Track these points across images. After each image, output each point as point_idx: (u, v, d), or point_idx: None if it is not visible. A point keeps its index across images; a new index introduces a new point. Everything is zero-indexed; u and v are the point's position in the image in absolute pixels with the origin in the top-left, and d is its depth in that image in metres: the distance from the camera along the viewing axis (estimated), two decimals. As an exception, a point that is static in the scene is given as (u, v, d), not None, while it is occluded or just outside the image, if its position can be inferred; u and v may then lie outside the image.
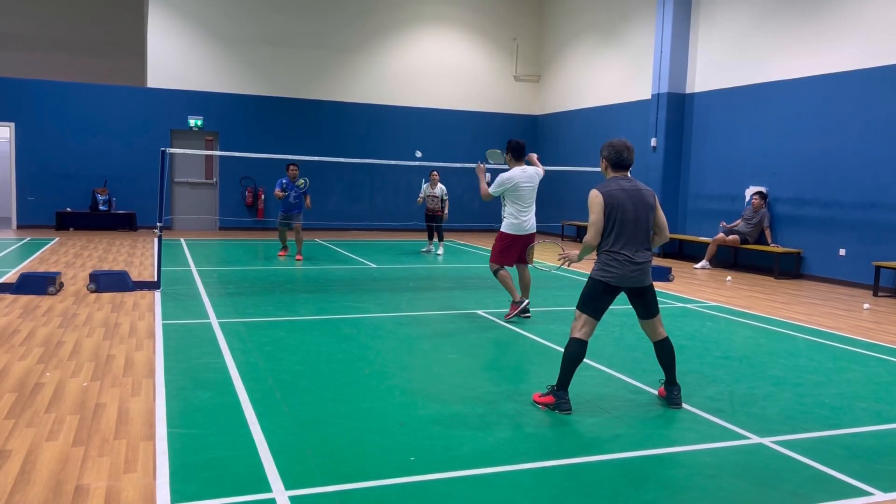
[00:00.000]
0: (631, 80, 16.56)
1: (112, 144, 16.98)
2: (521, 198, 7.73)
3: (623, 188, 4.69)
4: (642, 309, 4.84)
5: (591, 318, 4.72)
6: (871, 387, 5.53)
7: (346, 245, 15.30)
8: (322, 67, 18.54)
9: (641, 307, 4.84)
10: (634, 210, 4.66)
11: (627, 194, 4.67)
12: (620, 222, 4.64)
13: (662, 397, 4.96)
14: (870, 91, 11.13)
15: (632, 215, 4.65)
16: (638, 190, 4.72)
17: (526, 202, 7.82)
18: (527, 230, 7.82)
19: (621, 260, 4.64)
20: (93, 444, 3.88)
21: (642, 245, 4.70)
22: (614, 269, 4.64)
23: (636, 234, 4.67)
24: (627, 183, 4.73)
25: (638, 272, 4.68)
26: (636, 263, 4.66)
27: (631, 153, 4.73)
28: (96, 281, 8.62)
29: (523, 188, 7.74)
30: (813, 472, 3.81)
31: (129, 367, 5.43)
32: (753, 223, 12.75)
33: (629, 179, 4.77)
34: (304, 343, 6.35)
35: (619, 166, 4.77)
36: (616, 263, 4.64)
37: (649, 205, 4.71)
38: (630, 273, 4.65)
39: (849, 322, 8.23)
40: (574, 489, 3.51)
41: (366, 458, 3.81)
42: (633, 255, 4.65)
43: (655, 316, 4.85)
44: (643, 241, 4.71)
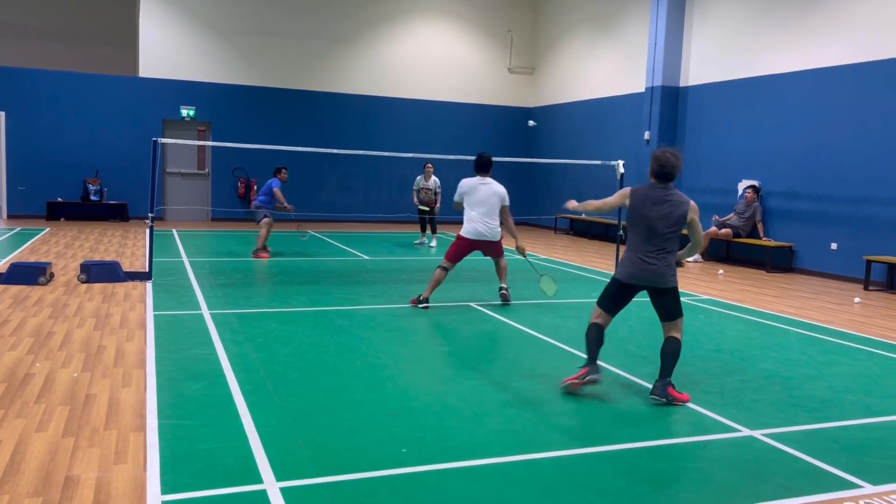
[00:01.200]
0: (625, 73, 16.55)
1: (104, 134, 16.87)
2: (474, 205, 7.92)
3: (651, 196, 4.84)
4: (659, 311, 4.93)
5: (605, 313, 5.00)
6: (861, 380, 5.56)
7: (339, 237, 15.27)
8: (316, 58, 18.45)
9: (659, 309, 4.93)
10: (656, 218, 4.78)
11: (653, 202, 4.81)
12: (637, 225, 4.82)
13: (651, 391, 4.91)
14: (862, 86, 11.15)
15: (651, 222, 4.78)
16: (668, 202, 4.81)
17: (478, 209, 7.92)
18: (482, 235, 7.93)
19: (634, 259, 4.82)
20: (83, 435, 3.87)
21: (660, 249, 4.78)
22: (626, 267, 4.86)
23: (653, 237, 4.78)
24: (661, 192, 4.84)
25: (649, 272, 4.77)
26: (648, 264, 4.77)
27: (674, 168, 4.83)
28: (87, 271, 8.58)
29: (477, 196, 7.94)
30: (803, 465, 3.83)
31: (120, 357, 5.41)
32: (746, 217, 12.78)
33: (665, 188, 4.86)
34: (296, 334, 6.34)
35: (658, 177, 4.88)
36: (628, 262, 4.85)
37: (674, 217, 4.78)
38: (640, 272, 4.78)
39: (840, 316, 8.27)
40: (565, 482, 3.52)
41: (357, 449, 3.81)
42: (647, 257, 4.78)
43: (671, 321, 4.88)
44: (661, 246, 4.78)
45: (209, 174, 17.93)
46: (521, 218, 20.45)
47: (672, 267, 4.82)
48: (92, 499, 3.15)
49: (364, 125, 18.90)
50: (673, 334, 4.88)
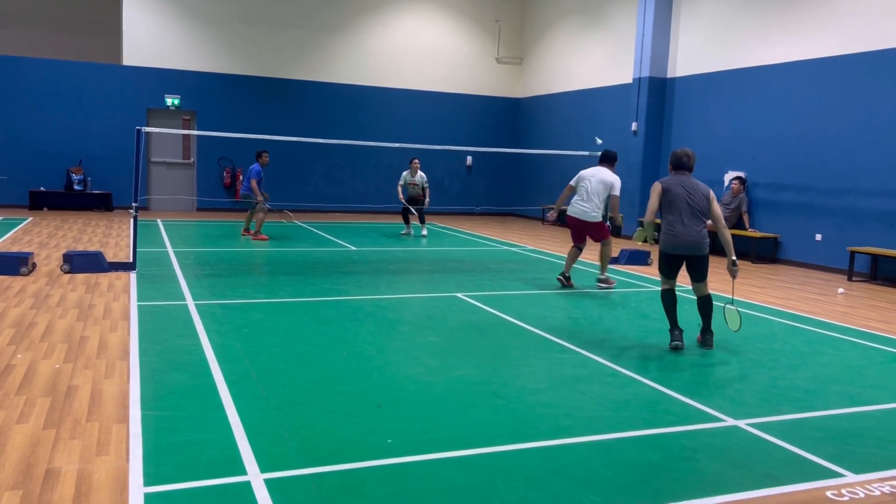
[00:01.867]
0: (613, 63, 16.54)
1: (87, 123, 16.69)
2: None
3: (679, 181, 5.98)
4: (692, 274, 6.05)
5: (667, 278, 6.13)
6: (844, 370, 5.60)
7: (325, 227, 15.20)
8: (302, 47, 18.32)
9: (692, 272, 6.05)
10: (687, 193, 5.89)
11: (682, 183, 5.95)
12: (672, 202, 5.90)
13: (699, 343, 6.11)
14: (848, 78, 11.20)
15: (685, 196, 5.88)
16: (694, 183, 5.98)
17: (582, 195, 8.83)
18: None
19: (672, 233, 5.90)
20: (64, 427, 3.82)
21: (693, 219, 5.86)
22: (667, 241, 5.95)
23: (689, 209, 5.85)
24: (685, 178, 6.00)
25: (688, 241, 5.86)
26: (685, 234, 5.84)
27: (690, 160, 6.04)
28: (70, 261, 8.49)
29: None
30: (787, 454, 3.85)
31: (103, 348, 5.35)
32: (732, 208, 12.83)
33: (687, 177, 6.02)
34: (281, 325, 6.30)
35: (678, 168, 6.06)
36: (668, 235, 5.93)
37: (703, 195, 5.93)
38: (679, 242, 5.87)
39: (824, 306, 8.33)
40: (552, 471, 3.52)
41: (343, 440, 3.79)
42: (683, 227, 5.85)
43: (702, 281, 6.03)
44: (694, 217, 5.85)
45: (194, 164, 17.78)
46: (507, 209, 20.49)
47: (704, 238, 5.88)
48: (73, 491, 3.11)
49: (351, 115, 18.80)
50: (704, 292, 6.06)
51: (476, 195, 20.27)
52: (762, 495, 3.33)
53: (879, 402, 4.82)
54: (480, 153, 19.74)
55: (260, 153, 12.41)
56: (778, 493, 3.36)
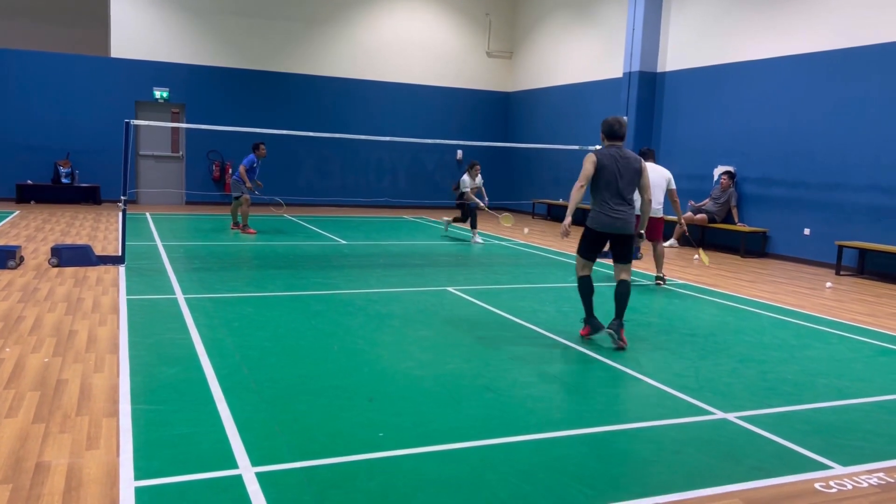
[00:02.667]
0: (603, 58, 16.56)
1: (75, 115, 16.56)
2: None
3: (612, 154, 5.71)
4: (617, 253, 5.85)
5: (587, 260, 5.88)
6: (832, 363, 5.65)
7: (315, 221, 15.16)
8: (291, 40, 18.23)
9: (617, 252, 5.85)
10: (619, 171, 5.67)
11: (615, 159, 5.69)
12: (605, 180, 5.66)
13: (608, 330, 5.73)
14: (837, 73, 11.26)
15: (616, 175, 5.66)
16: (626, 157, 5.74)
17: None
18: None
19: (603, 211, 5.69)
20: (54, 421, 3.80)
21: (623, 200, 5.69)
22: (598, 219, 5.72)
23: (618, 190, 5.66)
24: (617, 150, 5.75)
25: (618, 221, 5.68)
26: (615, 214, 5.67)
27: (622, 127, 5.77)
28: (58, 255, 8.43)
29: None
30: (775, 447, 3.89)
31: (93, 342, 5.33)
32: (721, 202, 12.89)
33: (619, 148, 5.77)
34: (272, 319, 6.29)
35: (612, 137, 5.80)
36: (599, 214, 5.71)
37: (635, 170, 5.74)
38: (610, 220, 5.68)
39: (812, 300, 8.39)
40: (542, 464, 3.53)
41: (335, 434, 3.79)
42: (613, 208, 5.67)
43: (626, 263, 5.84)
44: (624, 197, 5.69)
45: (183, 157, 17.68)
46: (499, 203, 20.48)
47: (631, 215, 5.76)
48: (63, 485, 3.10)
49: (341, 108, 18.74)
50: (624, 278, 5.84)
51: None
52: (751, 487, 3.36)
53: (866, 395, 4.86)
54: (471, 147, 19.71)
55: (256, 144, 12.50)
56: (767, 486, 3.39)
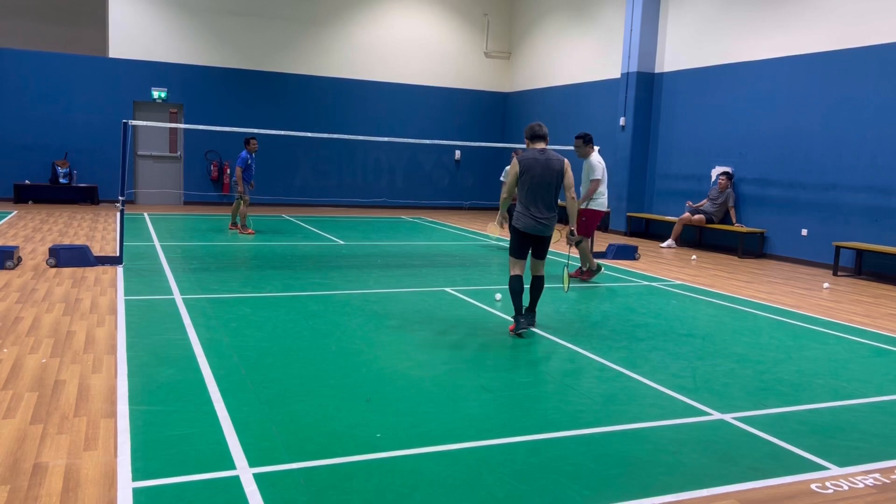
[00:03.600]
0: (601, 58, 16.57)
1: (73, 115, 16.54)
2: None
3: (536, 157, 5.98)
4: (536, 251, 6.19)
5: (518, 259, 6.15)
6: (829, 364, 5.66)
7: (313, 221, 15.16)
8: (290, 40, 18.22)
9: (536, 250, 6.20)
10: (542, 175, 5.94)
11: (538, 162, 5.96)
12: (530, 185, 5.96)
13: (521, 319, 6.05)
14: (834, 74, 11.28)
15: (539, 180, 5.94)
16: (548, 159, 5.98)
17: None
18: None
19: (529, 214, 5.99)
20: (52, 422, 3.81)
21: (547, 205, 6.00)
22: (524, 221, 6.01)
23: (543, 195, 5.96)
24: (541, 154, 6.02)
25: (543, 225, 6.01)
26: (541, 218, 5.99)
27: (542, 128, 6.12)
28: (56, 255, 8.43)
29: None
30: (772, 448, 3.90)
31: (90, 343, 5.33)
32: (719, 203, 12.91)
33: (543, 151, 6.05)
34: (269, 320, 6.29)
35: (535, 139, 6.13)
36: (526, 216, 6.01)
37: (556, 170, 5.99)
38: (535, 224, 5.99)
39: (809, 301, 8.40)
40: (538, 465, 3.54)
41: (332, 434, 3.79)
42: (539, 212, 5.99)
43: (542, 259, 6.24)
44: (548, 202, 6.00)
45: (181, 157, 17.68)
46: (496, 203, 20.48)
47: (553, 218, 6.08)
48: (61, 486, 3.10)
49: (338, 108, 18.74)
50: (540, 273, 6.26)
51: (465, 189, 20.28)
52: (748, 488, 3.37)
53: (863, 396, 4.87)
54: (469, 147, 19.72)
55: (247, 140, 12.46)
56: (763, 486, 3.40)
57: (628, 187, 15.05)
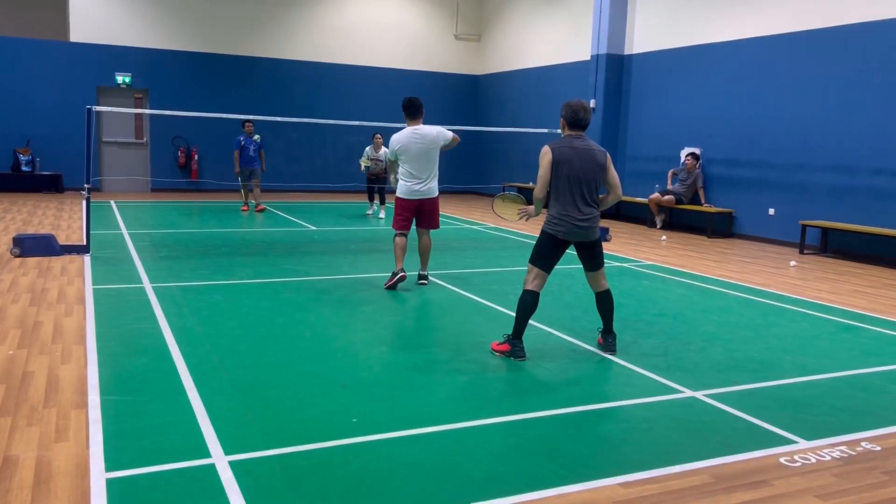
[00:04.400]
0: (571, 40, 16.58)
1: (34, 102, 16.14)
2: (411, 160, 7.07)
3: (574, 146, 4.88)
4: (588, 262, 5.10)
5: (542, 271, 4.97)
6: (796, 341, 5.77)
7: (284, 207, 15.03)
8: (257, 23, 17.94)
9: (587, 260, 5.10)
10: (582, 168, 4.85)
11: (577, 153, 4.86)
12: (567, 178, 4.84)
13: (600, 345, 5.27)
14: (800, 55, 11.41)
15: (579, 173, 4.85)
16: (589, 149, 4.90)
17: (416, 165, 7.08)
18: (421, 194, 7.15)
19: (567, 215, 4.86)
20: (21, 414, 3.74)
21: (589, 202, 4.90)
22: (561, 224, 4.88)
23: (582, 190, 4.87)
24: (580, 142, 4.91)
25: (584, 227, 4.89)
26: (581, 219, 4.87)
27: (587, 113, 4.93)
28: (21, 245, 8.25)
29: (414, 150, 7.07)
30: (742, 423, 3.97)
31: (59, 333, 5.24)
32: (688, 184, 13.05)
33: (582, 139, 4.94)
34: (242, 307, 6.24)
35: (575, 125, 4.93)
36: (562, 218, 4.87)
37: (599, 164, 4.90)
38: (575, 228, 4.87)
39: (777, 279, 8.55)
40: (514, 445, 3.57)
41: (308, 421, 3.78)
42: (579, 211, 4.87)
43: (600, 269, 5.10)
44: (590, 198, 4.91)
45: (147, 143, 17.37)
46: (468, 187, 20.49)
47: (597, 218, 4.99)
48: (32, 478, 3.06)
49: (308, 92, 18.53)
50: (605, 286, 5.16)
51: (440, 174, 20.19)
52: (719, 463, 3.43)
53: (829, 371, 4.98)
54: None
55: (242, 123, 13.22)
56: (734, 461, 3.47)
57: (599, 169, 15.11)
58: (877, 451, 3.66)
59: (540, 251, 4.97)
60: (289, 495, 2.99)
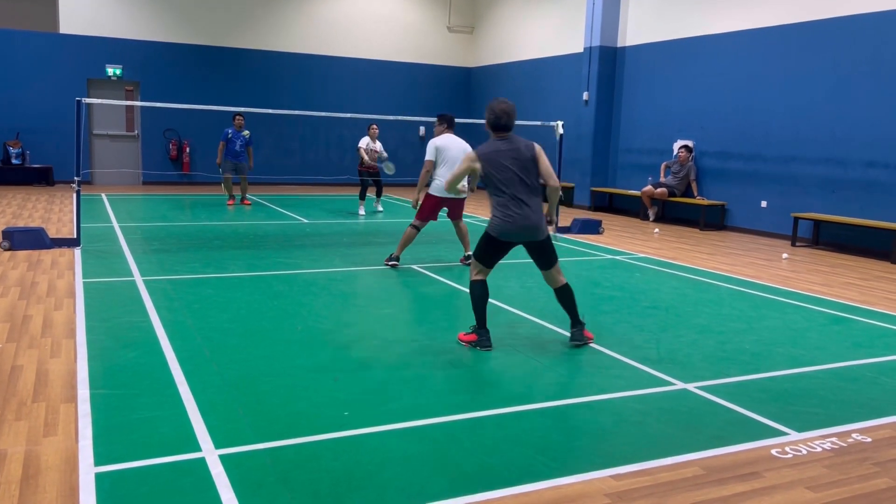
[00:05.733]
0: (564, 33, 16.54)
1: (24, 94, 16.01)
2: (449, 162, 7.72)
3: (499, 149, 4.92)
4: (538, 261, 5.09)
5: (486, 268, 5.07)
6: (787, 333, 5.79)
7: (276, 199, 14.98)
8: (249, 15, 17.84)
9: (537, 259, 5.08)
10: (512, 168, 4.86)
11: (502, 154, 4.89)
12: (500, 181, 4.86)
13: (572, 339, 5.18)
14: (793, 47, 11.42)
15: (510, 174, 4.85)
16: (515, 148, 4.91)
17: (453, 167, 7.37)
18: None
19: (507, 216, 4.85)
20: (9, 408, 3.71)
21: (525, 201, 4.85)
22: (501, 226, 4.87)
23: (516, 191, 4.84)
24: (504, 143, 4.95)
25: (523, 227, 4.85)
26: (520, 219, 4.83)
27: (510, 118, 4.98)
28: (10, 238, 8.20)
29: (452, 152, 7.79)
30: (734, 415, 3.98)
31: (48, 327, 5.20)
32: (681, 177, 13.06)
33: (507, 139, 4.97)
34: (233, 300, 6.21)
35: (497, 129, 5.00)
36: (503, 220, 4.86)
37: (528, 159, 4.89)
38: (514, 229, 4.85)
39: (769, 271, 8.57)
40: (506, 438, 3.56)
41: (299, 414, 3.77)
42: (516, 212, 4.83)
43: (552, 267, 5.07)
44: (526, 198, 4.85)
45: (139, 136, 17.27)
46: (461, 179, 20.42)
47: (540, 216, 4.94)
48: (21, 473, 3.04)
49: (300, 84, 18.45)
50: (562, 281, 5.11)
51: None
52: (710, 455, 3.44)
53: (820, 363, 5.00)
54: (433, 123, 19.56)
55: (233, 116, 13.41)
56: (725, 453, 3.47)
57: (592, 162, 15.12)
58: (867, 442, 3.67)
59: (484, 250, 5.02)
60: (279, 489, 2.98)
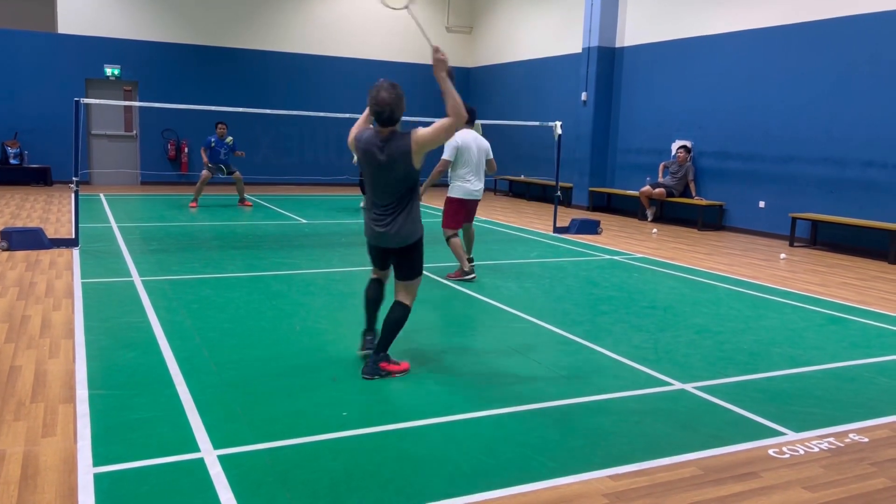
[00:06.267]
0: (562, 33, 16.55)
1: (22, 94, 15.99)
2: (470, 161, 7.29)
3: (368, 139, 4.28)
4: (395, 269, 4.51)
5: (374, 267, 4.69)
6: (785, 333, 5.80)
7: (274, 199, 14.97)
8: (248, 15, 17.83)
9: (394, 266, 4.53)
10: (379, 167, 4.23)
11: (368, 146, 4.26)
12: (367, 177, 4.34)
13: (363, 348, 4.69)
14: (791, 47, 11.43)
15: (371, 176, 4.29)
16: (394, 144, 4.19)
17: (475, 166, 7.34)
18: (475, 195, 7.47)
19: (369, 217, 4.42)
20: (7, 409, 3.71)
21: (385, 205, 4.30)
22: (366, 227, 4.47)
23: (377, 192, 4.31)
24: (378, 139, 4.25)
25: (379, 232, 4.34)
26: (376, 222, 4.34)
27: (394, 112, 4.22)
28: (9, 238, 8.19)
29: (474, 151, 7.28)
30: (732, 416, 3.98)
31: (47, 327, 5.20)
32: (679, 177, 13.07)
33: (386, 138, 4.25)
34: (232, 300, 6.21)
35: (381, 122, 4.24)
36: (366, 221, 4.46)
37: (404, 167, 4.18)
38: (373, 232, 4.40)
39: (767, 271, 8.58)
40: (504, 438, 3.57)
41: (297, 414, 3.77)
42: (374, 214, 4.35)
43: (404, 280, 4.45)
44: (386, 200, 4.28)
45: (137, 136, 17.26)
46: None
47: (400, 223, 4.28)
48: (19, 473, 3.04)
49: (299, 84, 18.44)
50: (401, 300, 4.45)
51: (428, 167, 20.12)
52: (708, 455, 3.44)
53: (818, 363, 5.01)
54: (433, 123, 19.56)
55: (216, 124, 13.30)
56: (723, 453, 3.48)
57: (590, 162, 15.13)
58: (864, 442, 3.68)
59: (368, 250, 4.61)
60: (278, 489, 2.98)
